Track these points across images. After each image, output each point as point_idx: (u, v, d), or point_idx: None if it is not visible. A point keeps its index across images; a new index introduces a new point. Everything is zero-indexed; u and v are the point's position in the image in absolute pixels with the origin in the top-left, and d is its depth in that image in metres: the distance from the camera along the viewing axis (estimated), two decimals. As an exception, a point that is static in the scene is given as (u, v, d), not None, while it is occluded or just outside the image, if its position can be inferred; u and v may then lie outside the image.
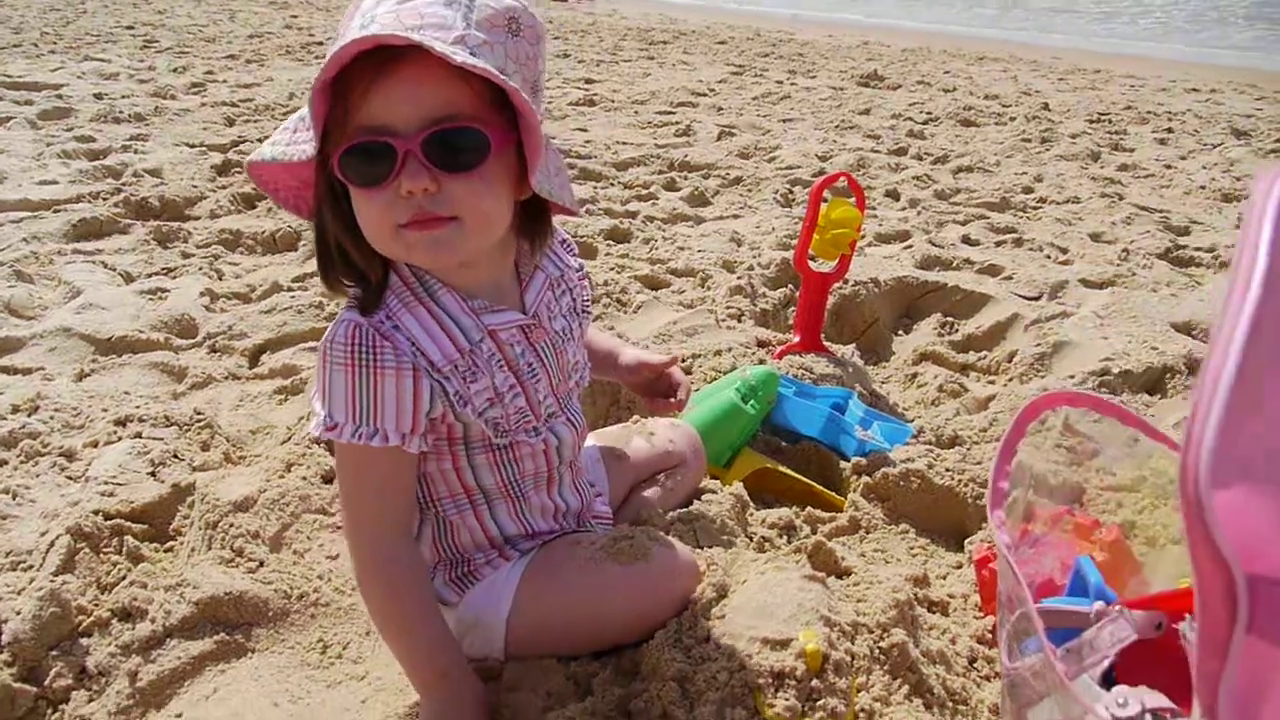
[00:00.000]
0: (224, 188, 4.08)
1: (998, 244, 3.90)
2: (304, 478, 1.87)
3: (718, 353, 2.48)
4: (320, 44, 8.96)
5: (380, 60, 1.11)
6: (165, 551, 1.79)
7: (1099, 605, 1.05)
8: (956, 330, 3.05)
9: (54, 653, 1.50)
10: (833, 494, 2.05)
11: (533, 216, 1.34)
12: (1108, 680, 1.07)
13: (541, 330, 1.42)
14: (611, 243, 3.60)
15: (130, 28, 9.20)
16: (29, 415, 2.16)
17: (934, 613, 1.63)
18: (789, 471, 2.07)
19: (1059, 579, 1.34)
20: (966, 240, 3.91)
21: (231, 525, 1.72)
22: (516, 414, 1.39)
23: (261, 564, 1.67)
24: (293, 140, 1.20)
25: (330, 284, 1.30)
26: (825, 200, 2.47)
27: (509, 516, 1.47)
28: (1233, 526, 0.66)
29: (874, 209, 4.30)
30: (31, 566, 1.67)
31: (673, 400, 1.70)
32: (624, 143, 5.41)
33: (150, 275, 3.13)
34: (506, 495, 1.46)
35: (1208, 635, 0.68)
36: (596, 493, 1.69)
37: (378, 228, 1.20)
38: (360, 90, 1.13)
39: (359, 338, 1.24)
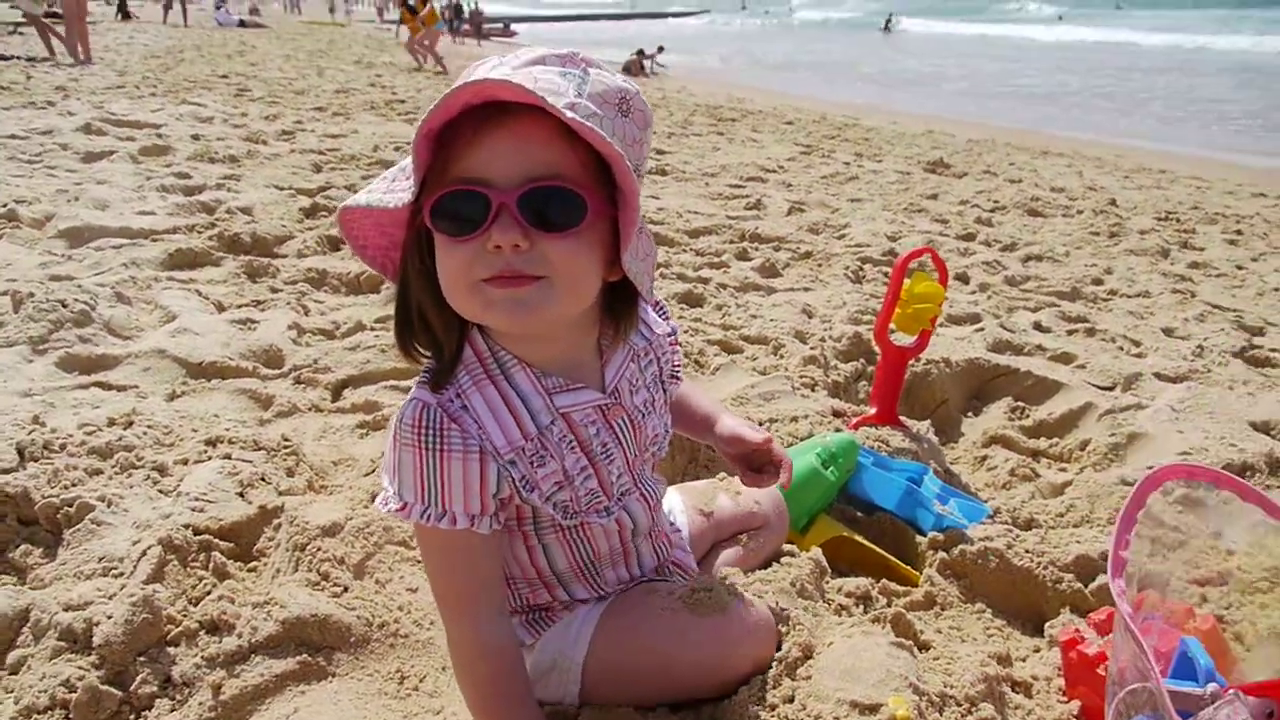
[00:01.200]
0: (311, 229, 4.22)
1: (1069, 332, 3.87)
2: (388, 509, 1.90)
3: (794, 419, 2.49)
4: (402, 102, 9.29)
5: (487, 114, 1.09)
6: (249, 571, 1.82)
7: (1214, 687, 1.03)
8: (1028, 415, 3.02)
9: (141, 659, 1.52)
10: (908, 568, 2.03)
11: (621, 299, 1.29)
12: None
13: (620, 408, 1.37)
14: (685, 306, 3.65)
15: (225, 77, 9.64)
16: (124, 429, 2.23)
17: (1017, 692, 1.59)
18: (865, 542, 2.06)
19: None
20: (1038, 327, 3.89)
21: (319, 549, 1.75)
22: (587, 495, 1.36)
23: (345, 589, 1.70)
24: (390, 189, 1.18)
25: (406, 351, 1.28)
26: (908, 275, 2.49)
27: (585, 589, 1.47)
28: None
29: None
30: (123, 574, 1.71)
31: (772, 477, 1.57)
32: (695, 212, 5.49)
33: (240, 306, 3.24)
34: (581, 576, 1.45)
35: None
36: (677, 540, 1.68)
37: (457, 279, 1.15)
38: (464, 140, 1.10)
39: (426, 420, 1.22)
